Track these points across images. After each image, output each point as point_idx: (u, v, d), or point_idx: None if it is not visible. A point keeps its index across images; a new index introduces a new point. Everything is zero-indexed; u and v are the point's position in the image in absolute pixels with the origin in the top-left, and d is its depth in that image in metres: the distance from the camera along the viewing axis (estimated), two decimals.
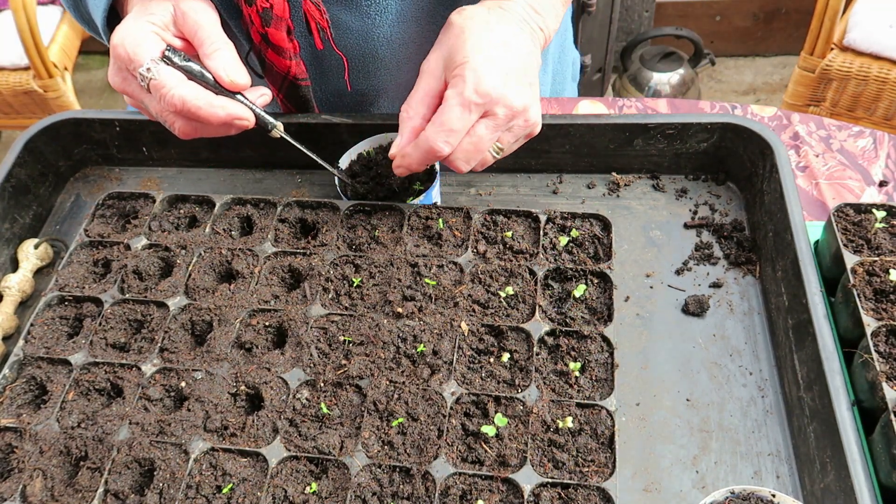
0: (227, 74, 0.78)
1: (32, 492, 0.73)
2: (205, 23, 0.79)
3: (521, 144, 0.84)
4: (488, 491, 0.70)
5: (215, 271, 0.89)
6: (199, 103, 0.77)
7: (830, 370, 0.70)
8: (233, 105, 0.79)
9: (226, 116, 0.78)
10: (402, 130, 0.81)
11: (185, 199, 0.97)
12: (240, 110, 0.79)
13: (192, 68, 0.78)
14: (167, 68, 0.77)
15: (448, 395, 0.76)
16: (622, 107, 1.11)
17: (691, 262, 0.89)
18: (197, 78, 0.78)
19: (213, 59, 0.78)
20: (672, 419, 0.76)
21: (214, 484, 0.72)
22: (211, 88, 0.79)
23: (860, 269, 0.78)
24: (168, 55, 0.77)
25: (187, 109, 0.76)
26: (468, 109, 0.75)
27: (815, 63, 2.05)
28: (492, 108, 0.76)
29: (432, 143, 0.76)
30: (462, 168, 0.80)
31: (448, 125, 0.76)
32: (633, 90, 2.66)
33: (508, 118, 0.77)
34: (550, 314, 0.83)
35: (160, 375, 0.80)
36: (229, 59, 0.79)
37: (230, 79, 0.78)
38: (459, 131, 0.76)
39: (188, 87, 0.77)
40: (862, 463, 0.64)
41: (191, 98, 0.76)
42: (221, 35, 0.80)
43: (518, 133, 0.80)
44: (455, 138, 0.77)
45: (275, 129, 0.84)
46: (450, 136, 0.76)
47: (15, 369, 0.82)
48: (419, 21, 0.96)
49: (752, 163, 0.91)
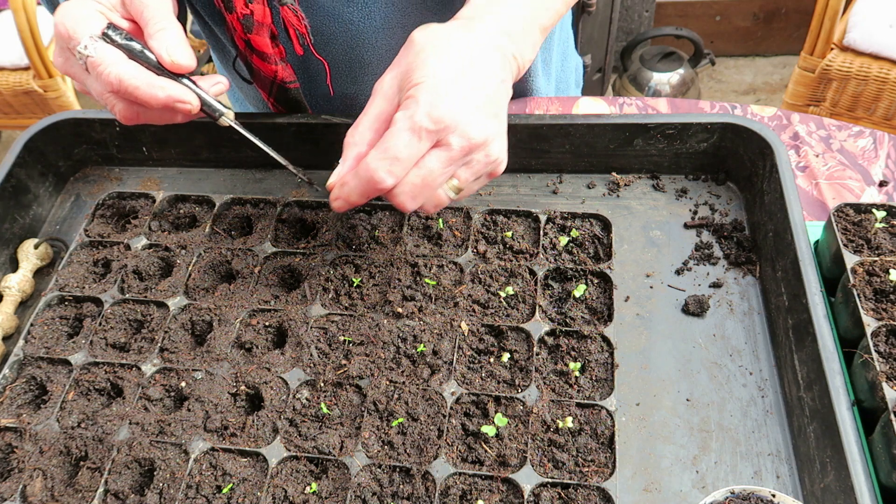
0: (168, 54, 0.73)
1: (32, 492, 0.73)
2: (151, 2, 0.74)
3: (482, 184, 0.74)
4: (488, 491, 0.70)
5: (215, 271, 0.90)
6: (136, 83, 0.72)
7: (830, 370, 0.70)
8: (174, 87, 0.74)
9: (165, 98, 0.73)
10: (345, 157, 0.71)
11: (185, 199, 0.97)
12: (182, 93, 0.74)
13: (132, 47, 0.74)
14: (106, 46, 0.73)
15: (448, 395, 0.76)
16: (622, 104, 1.11)
17: (691, 262, 0.89)
18: (138, 57, 0.74)
19: (156, 38, 0.74)
20: (672, 419, 0.76)
21: (214, 484, 0.72)
22: (153, 69, 0.74)
23: (860, 269, 0.78)
24: (108, 33, 0.73)
25: (124, 89, 0.72)
26: (417, 136, 0.65)
27: (815, 63, 2.05)
28: (446, 136, 0.66)
29: (373, 172, 0.66)
30: (407, 206, 0.68)
31: (393, 152, 0.65)
32: (633, 90, 2.66)
33: (465, 151, 0.67)
34: (550, 314, 0.83)
35: (160, 375, 0.80)
36: (173, 38, 0.74)
37: (171, 59, 0.73)
38: (406, 161, 0.66)
39: (126, 66, 0.72)
40: (862, 463, 0.64)
41: (128, 77, 0.72)
42: (168, 15, 0.75)
43: (478, 170, 0.70)
44: (400, 168, 0.66)
45: (223, 118, 0.79)
46: (394, 165, 0.66)
47: (15, 369, 0.82)
48: (406, 27, 0.93)
49: (752, 163, 0.91)
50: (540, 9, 0.76)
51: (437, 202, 0.71)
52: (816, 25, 1.99)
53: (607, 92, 2.84)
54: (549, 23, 0.78)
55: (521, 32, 0.74)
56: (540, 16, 0.76)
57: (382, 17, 0.91)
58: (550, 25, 0.78)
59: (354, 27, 0.92)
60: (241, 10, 0.85)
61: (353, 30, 0.92)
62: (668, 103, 1.10)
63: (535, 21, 0.76)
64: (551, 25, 0.79)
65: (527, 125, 0.93)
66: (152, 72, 0.74)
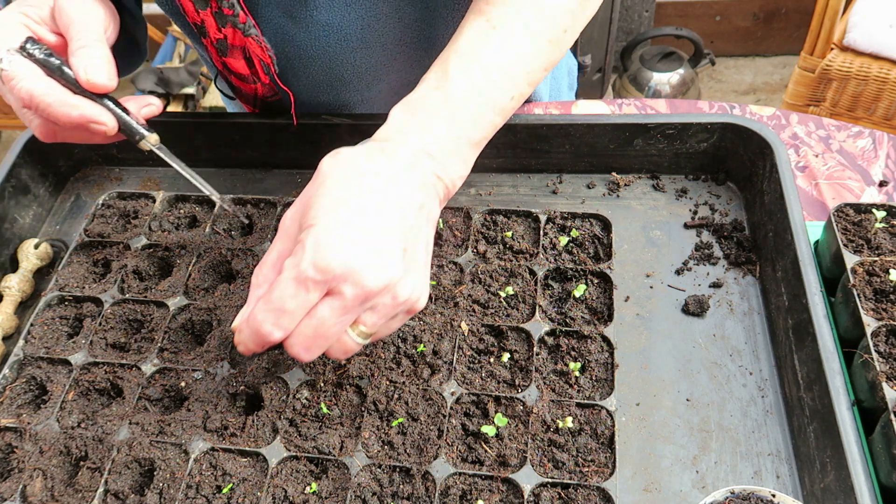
0: (84, 73, 0.70)
1: (32, 492, 0.73)
2: (79, 18, 0.72)
3: (401, 322, 0.67)
4: (488, 491, 0.70)
5: (215, 271, 0.90)
6: (49, 99, 0.69)
7: (830, 370, 0.70)
8: (90, 106, 0.71)
9: (78, 117, 0.70)
10: (249, 299, 0.66)
11: (185, 199, 0.97)
12: (97, 113, 0.71)
13: (51, 63, 0.71)
14: (24, 60, 0.70)
15: (448, 395, 0.76)
16: (621, 104, 1.11)
17: (691, 262, 0.89)
18: (56, 74, 0.71)
19: (76, 56, 0.71)
20: (672, 419, 0.76)
21: (214, 484, 0.72)
22: (71, 87, 0.71)
23: (860, 269, 0.78)
24: (27, 47, 0.71)
25: (35, 105, 0.69)
26: (304, 287, 0.60)
27: (815, 63, 2.05)
28: (337, 285, 0.60)
29: (259, 324, 0.62)
30: (302, 357, 0.63)
31: (278, 304, 0.61)
32: (633, 90, 2.66)
33: (361, 299, 0.61)
34: (550, 314, 0.83)
35: (160, 375, 0.80)
36: (94, 56, 0.71)
37: (87, 77, 0.70)
38: (293, 312, 0.61)
39: (39, 82, 0.70)
40: (862, 463, 0.64)
41: (39, 93, 0.69)
42: (95, 32, 0.72)
43: (387, 313, 0.63)
44: (288, 320, 0.61)
45: (143, 141, 0.76)
46: (281, 317, 0.61)
47: (15, 369, 0.82)
48: (385, 47, 0.93)
49: (752, 162, 0.91)
50: (467, 124, 0.68)
51: (343, 349, 0.65)
52: (816, 25, 1.99)
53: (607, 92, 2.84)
54: (481, 136, 0.70)
55: (446, 151, 0.67)
56: (469, 131, 0.69)
57: (360, 38, 0.90)
58: (485, 137, 0.71)
59: (332, 49, 0.90)
60: (214, 35, 0.84)
61: (332, 52, 0.91)
62: (666, 104, 1.10)
63: (463, 137, 0.68)
64: (486, 137, 0.71)
65: (527, 125, 0.93)
66: (69, 90, 0.71)
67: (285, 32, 0.89)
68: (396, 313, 0.65)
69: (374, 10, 0.87)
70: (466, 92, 0.68)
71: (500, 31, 0.69)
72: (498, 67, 0.69)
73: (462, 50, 0.69)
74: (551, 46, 0.71)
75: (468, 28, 0.71)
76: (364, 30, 0.89)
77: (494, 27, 0.70)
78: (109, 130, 0.73)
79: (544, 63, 0.72)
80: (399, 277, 0.62)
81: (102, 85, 0.71)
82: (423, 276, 0.65)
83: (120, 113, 0.74)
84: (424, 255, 0.65)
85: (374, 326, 0.64)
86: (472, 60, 0.69)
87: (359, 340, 0.65)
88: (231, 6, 0.81)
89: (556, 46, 0.72)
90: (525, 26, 0.70)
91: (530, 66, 0.70)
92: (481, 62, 0.69)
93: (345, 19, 0.87)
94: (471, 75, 0.68)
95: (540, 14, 0.70)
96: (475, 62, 0.68)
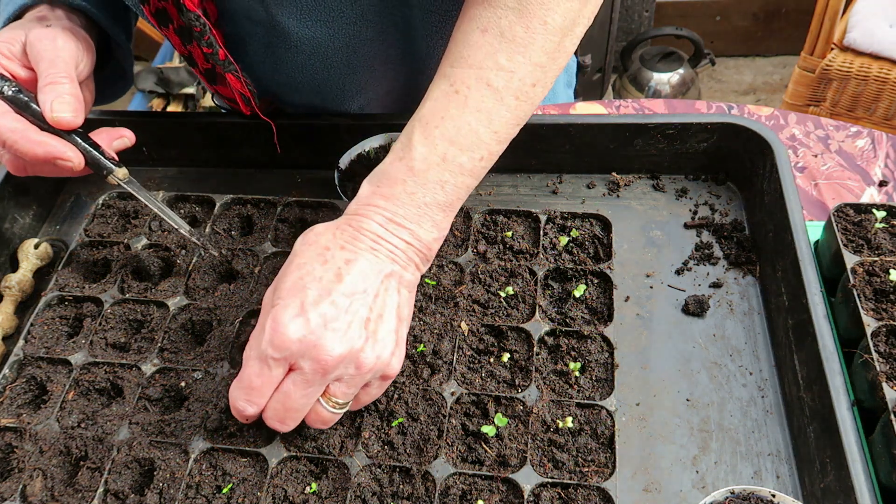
0: (50, 109, 0.72)
1: (32, 492, 0.73)
2: (48, 53, 0.74)
3: (382, 389, 0.71)
4: (488, 491, 0.70)
5: (215, 271, 0.90)
6: (14, 136, 0.71)
7: (830, 370, 0.70)
8: (54, 142, 0.73)
9: (44, 154, 0.72)
10: None
11: (186, 198, 0.97)
12: (62, 149, 0.73)
13: (19, 99, 0.73)
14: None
15: (448, 395, 0.76)
16: (619, 106, 1.11)
17: (691, 262, 0.89)
18: (24, 111, 0.73)
19: (45, 92, 0.73)
20: (672, 419, 0.76)
21: (214, 484, 0.72)
22: (38, 124, 0.73)
23: (860, 269, 0.78)
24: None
25: (2, 141, 0.71)
26: (266, 364, 0.64)
27: (815, 63, 2.05)
28: (296, 361, 0.64)
29: (234, 401, 0.67)
30: (277, 428, 0.68)
31: (246, 382, 0.66)
32: (633, 90, 2.66)
33: (320, 372, 0.64)
34: (550, 314, 0.83)
35: (160, 375, 0.80)
36: (61, 93, 0.73)
37: (52, 114, 0.72)
38: (260, 389, 0.65)
39: (6, 119, 0.72)
40: (862, 463, 0.64)
41: (4, 130, 0.71)
42: (64, 68, 0.74)
43: (355, 381, 0.66)
44: (258, 397, 0.66)
45: (111, 175, 0.77)
46: (251, 394, 0.66)
47: (15, 369, 0.82)
48: (371, 68, 0.94)
49: (752, 163, 0.91)
50: (433, 190, 0.69)
51: (320, 420, 0.69)
52: (816, 25, 1.99)
53: (607, 92, 2.84)
54: (451, 198, 0.70)
55: (414, 218, 0.69)
56: (436, 196, 0.69)
57: (345, 60, 0.91)
58: (458, 198, 0.71)
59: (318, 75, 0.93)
60: (203, 65, 0.86)
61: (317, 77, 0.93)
62: (665, 105, 1.10)
63: (430, 203, 0.69)
64: (459, 198, 0.71)
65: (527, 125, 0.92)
66: (37, 126, 0.73)
67: (270, 64, 0.91)
68: (368, 381, 0.68)
69: (359, 36, 0.88)
70: (428, 160, 0.69)
71: (463, 93, 0.69)
72: (460, 130, 0.69)
73: (425, 117, 0.70)
74: (519, 101, 0.70)
75: (432, 93, 0.71)
76: (350, 55, 0.90)
77: (457, 91, 0.69)
78: (76, 166, 0.74)
79: (512, 119, 0.71)
80: (359, 348, 0.65)
81: (67, 121, 0.73)
82: (389, 342, 0.67)
83: (87, 148, 0.75)
84: (393, 321, 0.68)
85: (346, 396, 0.67)
86: (433, 127, 0.69)
87: (333, 410, 0.68)
88: (210, 45, 0.83)
89: (526, 101, 0.70)
90: (487, 85, 0.69)
91: (496, 124, 0.70)
92: (442, 127, 0.69)
93: (329, 46, 0.88)
94: (432, 143, 0.69)
95: (503, 72, 0.68)
96: (436, 128, 0.69)
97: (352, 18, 0.85)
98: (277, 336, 0.63)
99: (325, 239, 0.68)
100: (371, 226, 0.68)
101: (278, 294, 0.66)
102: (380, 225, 0.68)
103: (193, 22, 0.80)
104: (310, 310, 0.64)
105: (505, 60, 0.69)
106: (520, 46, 0.68)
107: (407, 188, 0.69)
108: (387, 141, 0.94)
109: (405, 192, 0.69)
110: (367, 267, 0.67)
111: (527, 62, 0.69)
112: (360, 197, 0.71)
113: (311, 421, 0.69)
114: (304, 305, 0.64)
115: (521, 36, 0.68)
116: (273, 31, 0.85)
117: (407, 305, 0.70)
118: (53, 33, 0.75)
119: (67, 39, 0.76)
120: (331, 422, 0.69)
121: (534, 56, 0.69)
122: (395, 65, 0.95)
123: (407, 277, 0.70)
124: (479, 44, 0.69)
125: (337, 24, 0.85)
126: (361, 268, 0.67)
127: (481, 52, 0.69)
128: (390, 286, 0.68)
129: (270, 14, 0.83)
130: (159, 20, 0.81)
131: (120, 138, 0.80)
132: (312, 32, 0.85)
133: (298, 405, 0.66)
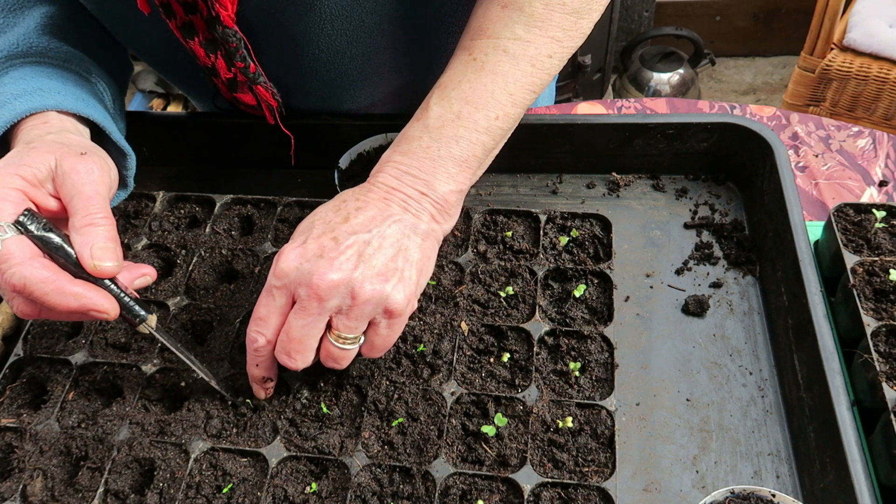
0: (91, 257, 0.64)
1: (32, 492, 0.73)
2: (85, 188, 0.66)
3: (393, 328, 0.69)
4: (488, 491, 0.70)
5: (216, 271, 0.90)
6: (45, 289, 0.62)
7: (830, 370, 0.70)
8: (91, 293, 0.65)
9: (78, 307, 0.64)
10: None
11: (186, 199, 0.97)
12: (98, 300, 0.65)
13: (50, 240, 0.65)
14: (17, 238, 0.63)
15: (448, 395, 0.76)
16: (620, 107, 1.11)
17: (691, 262, 0.89)
18: (54, 253, 0.65)
19: (82, 234, 0.65)
20: (672, 419, 0.76)
21: (214, 484, 0.72)
22: (70, 267, 0.65)
23: (860, 269, 0.78)
24: (23, 221, 0.64)
25: (29, 293, 0.63)
26: (270, 295, 0.67)
27: (815, 63, 2.05)
28: (295, 290, 0.66)
29: (247, 334, 0.69)
30: (286, 363, 0.68)
31: (255, 314, 0.68)
32: (633, 90, 2.66)
33: (315, 298, 0.64)
34: (550, 314, 0.83)
35: (160, 375, 0.80)
36: (101, 238, 0.65)
37: (94, 263, 0.65)
38: (266, 318, 0.68)
39: (34, 267, 0.63)
40: (862, 463, 0.64)
41: (35, 281, 0.62)
42: (102, 207, 0.66)
43: (355, 314, 0.66)
44: (265, 327, 0.68)
45: (143, 325, 0.70)
46: (259, 325, 0.68)
47: (15, 369, 0.82)
48: (382, 75, 0.95)
49: (752, 163, 0.91)
50: (448, 143, 0.71)
51: (330, 356, 0.69)
52: (816, 25, 1.99)
53: (607, 92, 2.84)
54: (467, 153, 0.72)
55: (428, 169, 0.71)
56: (451, 150, 0.71)
57: (359, 70, 0.92)
58: (474, 154, 0.72)
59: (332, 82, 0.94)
60: (225, 75, 0.86)
61: (330, 84, 0.94)
62: (668, 105, 1.10)
63: (445, 156, 0.71)
64: (476, 155, 0.72)
65: (527, 125, 0.93)
66: (68, 270, 0.65)
67: (283, 70, 0.91)
68: (374, 318, 0.68)
69: (375, 45, 0.89)
70: (443, 117, 0.71)
71: (480, 59, 0.72)
72: (475, 91, 0.72)
73: (443, 82, 0.73)
74: (534, 68, 0.73)
75: (452, 63, 0.74)
76: (364, 63, 0.92)
77: (475, 58, 0.72)
78: (111, 317, 0.67)
79: (528, 83, 0.73)
80: (353, 276, 0.65)
81: (110, 271, 0.66)
82: (389, 274, 0.66)
83: (120, 294, 0.68)
84: (391, 251, 0.67)
85: (350, 330, 0.67)
86: (450, 89, 0.72)
87: (341, 346, 0.68)
88: (243, 59, 0.84)
89: (541, 69, 0.73)
90: (504, 52, 0.72)
91: (512, 86, 0.72)
92: (458, 89, 0.72)
93: (346, 55, 0.89)
94: (448, 103, 0.72)
95: (520, 41, 0.72)
96: (453, 90, 0.72)
97: (370, 28, 0.86)
98: (278, 265, 0.66)
99: (345, 194, 0.72)
100: (385, 179, 0.71)
101: (292, 237, 0.69)
102: (394, 177, 0.71)
103: (230, 38, 0.80)
104: (310, 242, 0.67)
105: (522, 31, 0.72)
106: (538, 21, 0.72)
107: (422, 143, 0.71)
108: (387, 141, 0.94)
109: (420, 147, 0.71)
110: (376, 213, 0.69)
111: (543, 35, 0.72)
112: (381, 160, 0.73)
113: (323, 359, 0.70)
114: (306, 240, 0.67)
115: (540, 12, 0.72)
116: (293, 40, 0.86)
117: (418, 250, 0.69)
118: (90, 165, 0.67)
119: (104, 172, 0.69)
120: (342, 359, 0.70)
121: (550, 31, 0.73)
122: (405, 71, 0.96)
123: (421, 227, 0.71)
124: (498, 17, 0.73)
125: (356, 34, 0.86)
126: (371, 213, 0.69)
127: (500, 24, 0.72)
128: (398, 230, 0.69)
129: (290, 24, 0.83)
130: (185, 33, 0.81)
131: (142, 276, 0.72)
132: (331, 42, 0.86)
133: (300, 335, 0.67)
